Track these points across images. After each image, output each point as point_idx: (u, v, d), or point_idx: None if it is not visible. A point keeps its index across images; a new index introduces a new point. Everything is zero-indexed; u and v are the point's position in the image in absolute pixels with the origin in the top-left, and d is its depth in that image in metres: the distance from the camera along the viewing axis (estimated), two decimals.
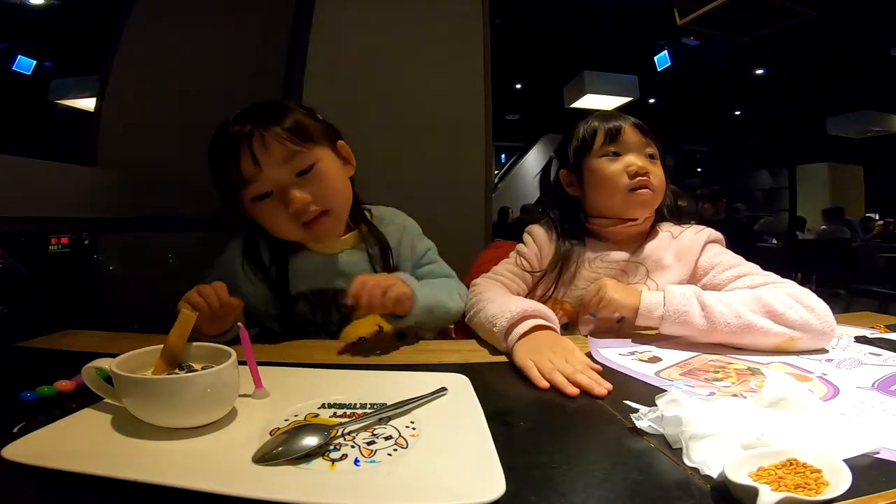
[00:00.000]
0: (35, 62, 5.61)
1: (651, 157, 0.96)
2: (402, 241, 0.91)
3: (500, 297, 0.86)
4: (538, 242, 1.02)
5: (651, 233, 0.97)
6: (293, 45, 1.62)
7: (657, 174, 0.95)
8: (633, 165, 0.93)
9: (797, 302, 0.74)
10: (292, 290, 0.87)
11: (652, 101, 7.99)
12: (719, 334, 0.75)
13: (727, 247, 0.96)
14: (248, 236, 0.89)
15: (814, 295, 0.77)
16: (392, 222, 0.94)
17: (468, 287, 0.97)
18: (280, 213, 0.79)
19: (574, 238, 0.99)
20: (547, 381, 0.62)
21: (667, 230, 0.98)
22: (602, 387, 0.59)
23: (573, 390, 0.59)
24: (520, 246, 1.05)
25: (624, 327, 0.86)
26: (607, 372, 0.67)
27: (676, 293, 0.78)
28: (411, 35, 1.67)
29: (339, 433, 0.45)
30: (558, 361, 0.65)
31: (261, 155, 0.76)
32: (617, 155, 0.95)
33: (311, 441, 0.42)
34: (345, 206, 0.86)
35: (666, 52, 6.12)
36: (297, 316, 0.88)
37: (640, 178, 0.92)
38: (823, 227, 6.38)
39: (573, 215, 1.01)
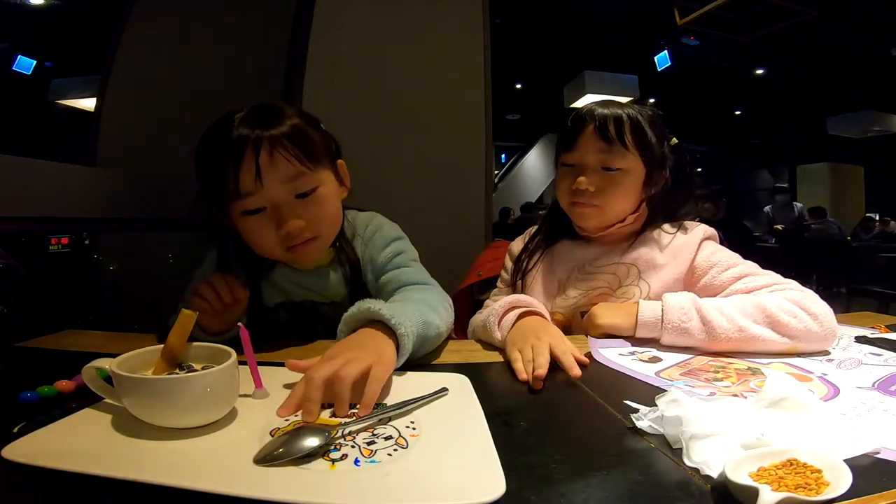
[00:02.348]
0: (35, 62, 5.62)
1: (610, 168, 0.88)
2: (364, 254, 0.88)
3: (490, 305, 0.88)
4: (514, 259, 1.03)
5: (642, 233, 0.94)
6: (293, 45, 1.62)
7: (611, 192, 0.88)
8: (574, 182, 0.89)
9: (801, 309, 0.73)
10: (265, 301, 0.86)
11: (652, 100, 7.99)
12: (721, 345, 0.73)
13: (726, 246, 0.94)
14: (220, 250, 0.87)
15: (817, 298, 0.76)
16: (361, 236, 0.89)
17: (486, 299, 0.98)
18: (268, 232, 0.75)
19: (551, 238, 0.99)
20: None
21: (659, 228, 0.94)
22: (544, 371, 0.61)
23: (538, 385, 0.61)
24: (501, 271, 1.06)
25: None
26: (607, 372, 0.67)
27: (675, 307, 0.76)
28: (411, 35, 1.67)
29: (340, 434, 0.45)
30: (541, 349, 0.66)
31: (266, 170, 0.70)
32: (571, 165, 0.91)
33: (312, 442, 0.42)
34: (334, 231, 0.83)
35: (666, 52, 6.13)
36: (278, 325, 0.88)
37: (578, 194, 0.89)
38: (812, 224, 6.42)
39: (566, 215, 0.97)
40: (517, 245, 1.05)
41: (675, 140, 0.95)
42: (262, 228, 0.75)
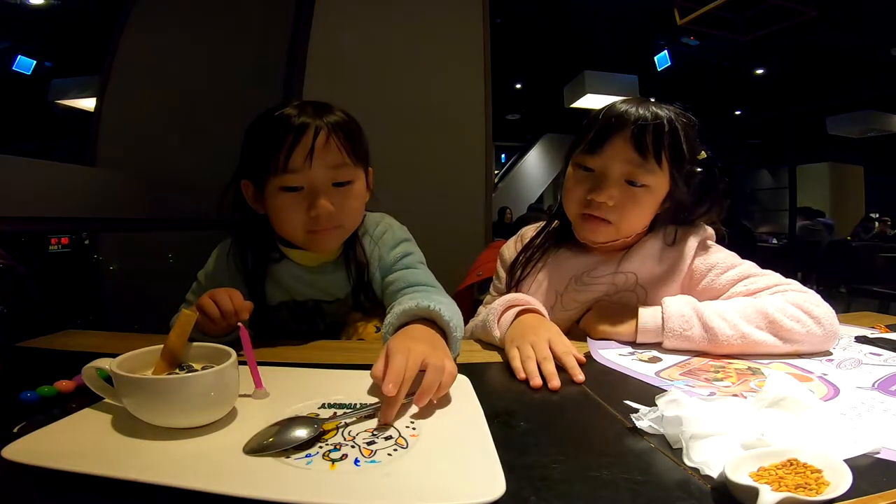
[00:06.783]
0: (35, 62, 5.61)
1: (635, 183, 0.81)
2: (373, 253, 0.89)
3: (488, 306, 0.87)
4: (507, 265, 1.00)
5: (641, 240, 0.89)
6: (293, 45, 1.62)
7: (629, 210, 0.82)
8: (590, 193, 0.82)
9: (804, 312, 0.72)
10: (269, 300, 0.87)
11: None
12: (723, 351, 0.73)
13: (725, 245, 0.92)
14: (234, 242, 0.89)
15: (819, 299, 0.75)
16: (370, 234, 0.91)
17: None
18: (298, 211, 0.79)
19: (551, 244, 0.95)
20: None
21: (657, 233, 0.90)
22: (558, 380, 0.60)
23: (536, 382, 0.61)
24: (493, 279, 1.04)
25: None
26: (607, 372, 0.67)
27: (675, 315, 0.74)
28: (411, 35, 1.67)
29: (341, 425, 0.46)
30: (540, 347, 0.66)
31: (318, 153, 0.77)
32: (590, 170, 0.83)
33: (301, 433, 0.43)
34: (354, 227, 0.87)
35: (666, 52, 6.12)
36: (280, 324, 0.88)
37: (593, 206, 0.82)
38: (799, 223, 6.44)
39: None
40: (509, 251, 1.01)
41: (704, 154, 0.88)
42: (293, 206, 0.79)
